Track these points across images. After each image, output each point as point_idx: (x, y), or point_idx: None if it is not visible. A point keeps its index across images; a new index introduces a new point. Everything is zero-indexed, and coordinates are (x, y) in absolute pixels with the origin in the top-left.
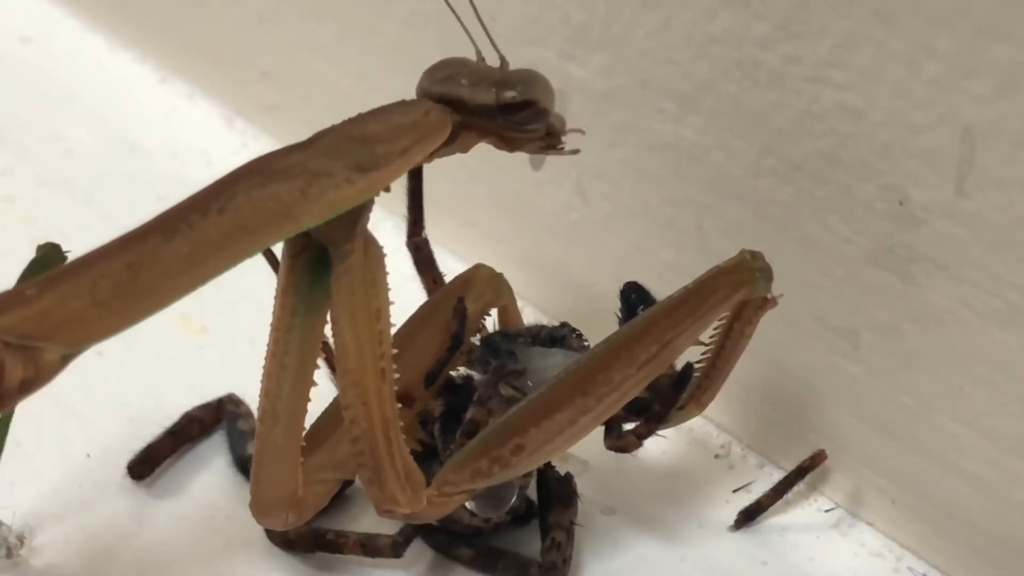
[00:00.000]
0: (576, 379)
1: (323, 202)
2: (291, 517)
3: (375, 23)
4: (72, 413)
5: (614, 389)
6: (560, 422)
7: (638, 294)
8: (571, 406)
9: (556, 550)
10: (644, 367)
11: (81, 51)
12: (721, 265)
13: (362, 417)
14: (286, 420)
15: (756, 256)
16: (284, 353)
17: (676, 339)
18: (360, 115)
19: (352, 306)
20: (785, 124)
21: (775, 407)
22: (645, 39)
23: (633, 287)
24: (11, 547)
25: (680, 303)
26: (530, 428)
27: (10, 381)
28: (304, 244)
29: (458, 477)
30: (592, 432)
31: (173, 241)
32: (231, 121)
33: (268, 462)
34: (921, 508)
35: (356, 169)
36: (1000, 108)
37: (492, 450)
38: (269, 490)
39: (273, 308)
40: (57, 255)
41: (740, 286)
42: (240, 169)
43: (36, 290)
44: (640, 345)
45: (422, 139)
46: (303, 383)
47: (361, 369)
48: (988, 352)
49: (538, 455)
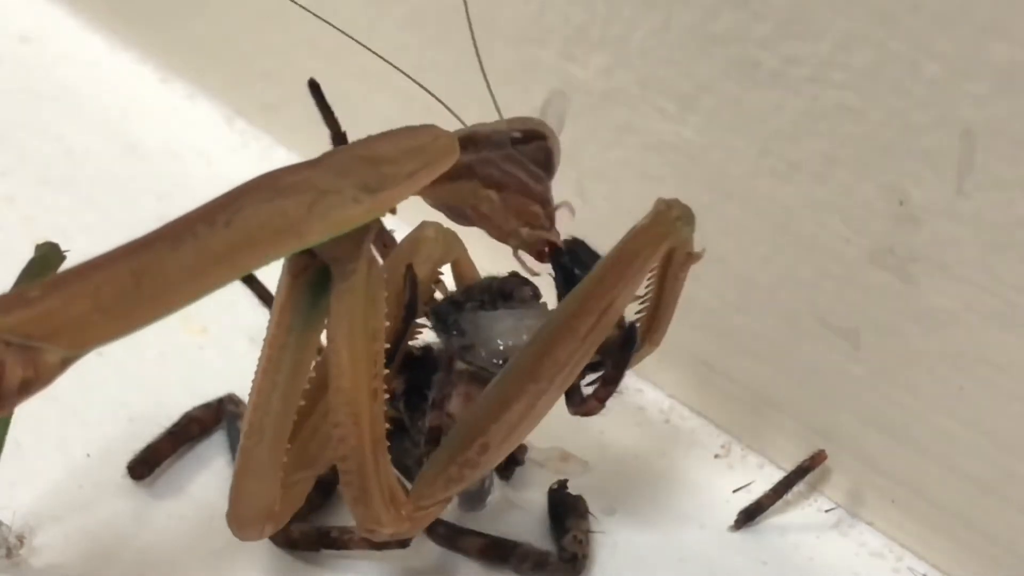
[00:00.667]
0: (525, 367)
1: (329, 220)
2: (267, 528)
3: (375, 23)
4: (72, 413)
5: (563, 366)
6: (518, 411)
7: (572, 254)
8: (525, 393)
9: (577, 544)
10: (587, 338)
11: (81, 51)
12: (639, 223)
13: (352, 436)
14: (271, 436)
15: (672, 204)
16: (276, 370)
17: (612, 304)
18: (370, 136)
19: (351, 325)
20: (785, 124)
21: (775, 407)
22: (645, 39)
23: (567, 248)
24: (11, 547)
25: (608, 269)
26: (490, 425)
27: (10, 381)
28: (306, 265)
29: (432, 489)
30: (589, 433)
31: (178, 251)
32: (231, 121)
33: (249, 477)
34: (921, 508)
35: (363, 189)
36: (1000, 108)
37: (459, 455)
38: (248, 503)
39: (268, 324)
40: (56, 255)
41: (663, 239)
42: (249, 183)
43: (39, 292)
44: (579, 319)
45: (429, 163)
46: (291, 401)
47: (355, 388)
48: (988, 352)
49: (505, 446)
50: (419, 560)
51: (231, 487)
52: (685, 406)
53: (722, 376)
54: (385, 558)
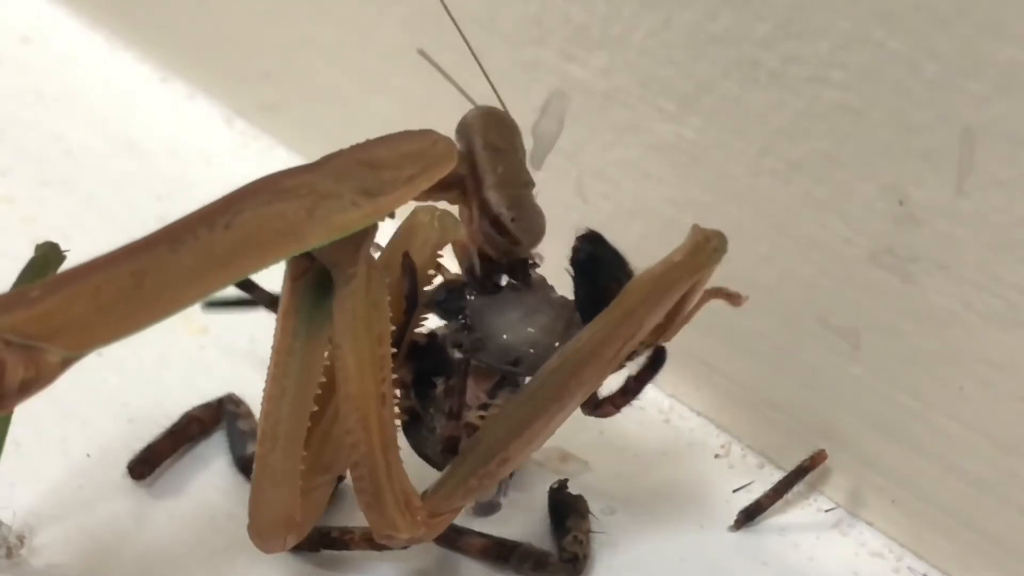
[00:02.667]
0: (551, 388)
1: (328, 223)
2: (290, 539)
3: (375, 23)
4: (72, 413)
5: (585, 385)
6: (538, 428)
7: (591, 254)
8: (547, 412)
9: (577, 544)
10: (613, 360)
11: (81, 51)
12: (677, 256)
13: (363, 442)
14: (285, 443)
15: (710, 236)
16: (284, 376)
17: (640, 331)
18: (369, 141)
19: (354, 330)
20: (785, 124)
21: (775, 407)
22: (645, 39)
23: (585, 246)
24: (11, 547)
25: (642, 296)
26: (512, 441)
27: (10, 380)
28: (306, 267)
29: (451, 499)
30: (589, 433)
31: (178, 253)
32: (231, 121)
33: (267, 486)
34: (921, 508)
35: (362, 193)
36: (1000, 108)
37: (479, 468)
38: (268, 514)
39: (274, 330)
40: (56, 255)
41: (700, 269)
42: (248, 185)
43: (40, 292)
44: (607, 344)
45: (428, 168)
46: (303, 406)
47: (363, 394)
48: (988, 352)
49: (521, 458)
50: (419, 560)
51: (250, 498)
52: (685, 406)
53: (722, 376)
54: (385, 558)
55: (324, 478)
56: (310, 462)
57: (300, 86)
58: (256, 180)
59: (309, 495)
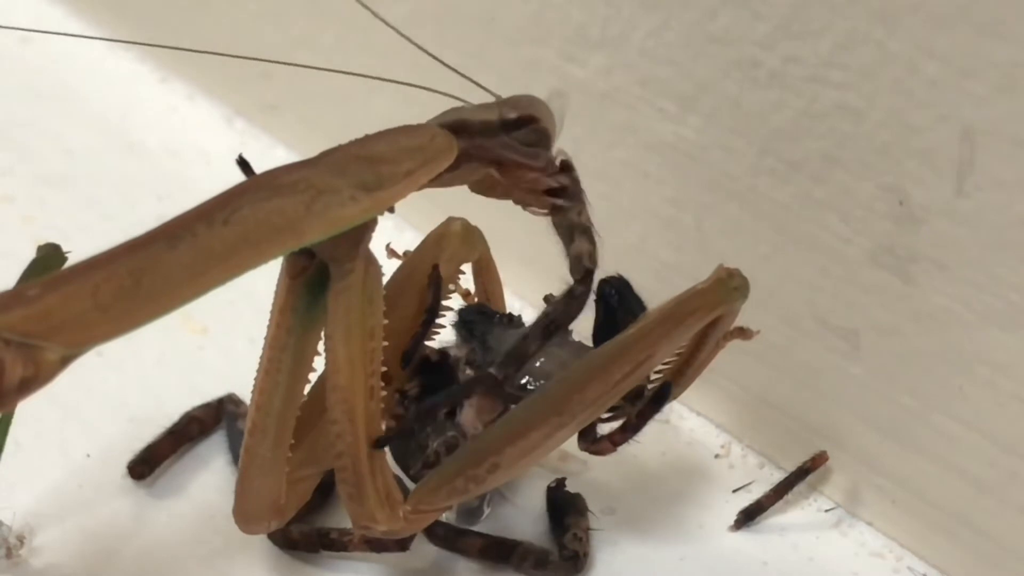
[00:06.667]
0: (552, 399)
1: (327, 219)
2: (273, 523)
3: (375, 23)
4: (72, 413)
5: (588, 406)
6: (535, 439)
7: (619, 292)
8: (546, 424)
9: (577, 542)
10: (619, 384)
11: (81, 51)
12: (698, 286)
13: (348, 433)
14: (275, 435)
15: (732, 274)
16: (277, 370)
17: (652, 357)
18: (367, 136)
19: (348, 324)
20: (785, 124)
21: (775, 407)
22: (645, 39)
23: (613, 284)
24: (11, 547)
25: (657, 324)
26: (506, 447)
27: (10, 379)
28: (304, 266)
29: (434, 497)
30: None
31: (177, 250)
32: (231, 121)
33: (254, 475)
34: (921, 508)
35: (361, 188)
36: (1000, 108)
37: (468, 469)
38: (253, 500)
39: (268, 325)
40: (57, 255)
41: (717, 305)
42: (247, 182)
43: (39, 290)
44: (616, 365)
45: (427, 162)
46: (293, 400)
47: (351, 386)
48: (988, 352)
49: (512, 470)
50: (419, 561)
51: (236, 483)
52: (685, 406)
53: (722, 376)
54: (384, 559)
55: (312, 470)
56: (302, 453)
57: (300, 86)
58: (254, 176)
59: (295, 485)
